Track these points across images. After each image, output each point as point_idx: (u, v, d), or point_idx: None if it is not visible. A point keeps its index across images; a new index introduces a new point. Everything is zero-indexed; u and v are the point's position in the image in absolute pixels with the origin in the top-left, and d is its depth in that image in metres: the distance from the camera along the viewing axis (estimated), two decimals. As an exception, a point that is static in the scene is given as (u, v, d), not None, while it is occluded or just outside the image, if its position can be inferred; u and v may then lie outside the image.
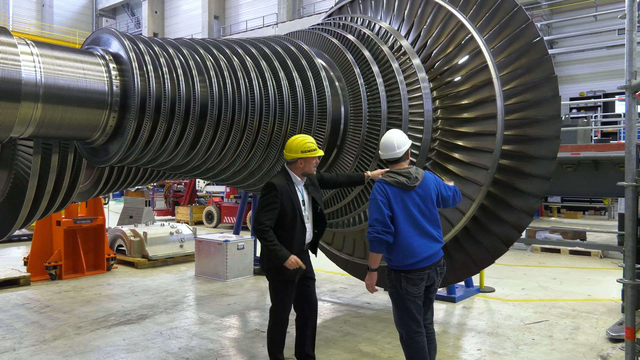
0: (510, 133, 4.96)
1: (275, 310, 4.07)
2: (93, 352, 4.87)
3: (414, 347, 3.64)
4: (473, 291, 7.08)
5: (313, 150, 3.98)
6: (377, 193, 3.62)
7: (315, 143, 4.04)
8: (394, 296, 3.71)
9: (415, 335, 3.64)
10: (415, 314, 3.65)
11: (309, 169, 4.03)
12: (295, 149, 3.95)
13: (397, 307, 3.71)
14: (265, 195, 3.87)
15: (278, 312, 4.06)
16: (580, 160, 9.81)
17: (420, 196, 3.69)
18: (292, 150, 3.97)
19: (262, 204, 3.86)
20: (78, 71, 3.31)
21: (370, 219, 3.59)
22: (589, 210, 18.13)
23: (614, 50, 19.65)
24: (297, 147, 3.95)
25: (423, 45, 5.20)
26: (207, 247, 8.30)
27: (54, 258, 7.92)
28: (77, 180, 4.31)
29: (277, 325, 4.08)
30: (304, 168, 4.01)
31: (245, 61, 4.26)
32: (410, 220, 3.63)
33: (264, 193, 3.89)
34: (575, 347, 5.03)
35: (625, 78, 3.29)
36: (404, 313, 3.66)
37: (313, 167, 4.05)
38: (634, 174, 3.28)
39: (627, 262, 3.24)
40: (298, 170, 4.02)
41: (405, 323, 3.66)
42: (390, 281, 3.70)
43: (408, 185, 3.63)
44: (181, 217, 16.59)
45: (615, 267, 9.06)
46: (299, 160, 3.97)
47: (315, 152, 3.99)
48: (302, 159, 3.96)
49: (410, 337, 3.65)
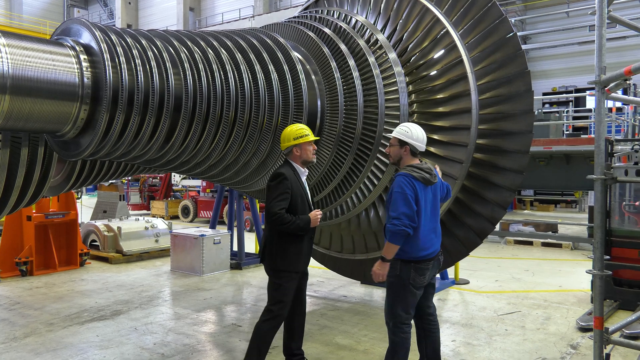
0: (485, 127, 5.02)
1: (279, 308, 3.90)
2: (65, 349, 4.78)
3: (400, 336, 3.70)
4: (448, 283, 7.18)
5: (305, 135, 3.95)
6: (406, 187, 3.64)
7: (308, 129, 4.01)
8: (395, 286, 3.73)
9: (404, 325, 3.71)
10: (410, 305, 3.72)
11: (307, 156, 3.99)
12: (288, 137, 3.95)
13: (394, 297, 3.73)
14: (276, 186, 3.81)
15: (282, 309, 3.91)
16: (552, 154, 10.01)
17: (434, 192, 3.84)
18: (285, 139, 3.97)
19: (274, 194, 3.79)
20: (47, 62, 3.22)
21: (396, 212, 3.59)
22: (560, 203, 18.53)
23: (586, 46, 20.09)
24: (289, 135, 3.94)
25: (399, 40, 5.22)
26: (183, 241, 8.22)
27: (24, 254, 7.74)
28: (47, 174, 4.21)
29: (277, 322, 3.93)
30: (302, 156, 3.97)
31: (221, 54, 4.21)
32: (426, 215, 3.75)
33: (274, 184, 3.82)
34: (547, 337, 5.14)
35: (595, 73, 3.35)
36: (399, 303, 3.70)
37: (311, 154, 4.02)
38: (602, 168, 3.35)
39: (596, 253, 3.32)
40: (297, 160, 3.98)
41: (396, 313, 3.70)
42: (395, 271, 3.72)
43: (430, 181, 3.75)
44: (157, 212, 16.39)
45: (585, 259, 9.29)
46: (294, 149, 3.95)
47: (308, 137, 3.96)
48: (297, 146, 3.94)
49: (398, 327, 3.70)
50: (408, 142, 3.80)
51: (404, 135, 3.81)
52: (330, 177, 4.98)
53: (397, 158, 3.88)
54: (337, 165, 4.90)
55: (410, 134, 3.82)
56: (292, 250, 3.90)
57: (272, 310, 3.90)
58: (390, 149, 3.90)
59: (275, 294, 3.92)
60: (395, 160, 3.91)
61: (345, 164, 4.85)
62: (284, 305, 3.91)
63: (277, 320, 3.92)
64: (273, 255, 3.91)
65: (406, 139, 3.80)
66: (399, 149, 3.83)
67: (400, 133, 3.82)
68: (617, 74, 3.24)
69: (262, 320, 3.91)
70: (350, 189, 5.01)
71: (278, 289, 3.91)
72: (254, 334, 3.92)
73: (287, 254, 3.89)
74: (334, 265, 6.51)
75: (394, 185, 3.69)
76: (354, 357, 4.59)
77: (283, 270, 3.90)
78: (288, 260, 3.89)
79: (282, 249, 3.88)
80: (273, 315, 3.89)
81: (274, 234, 3.91)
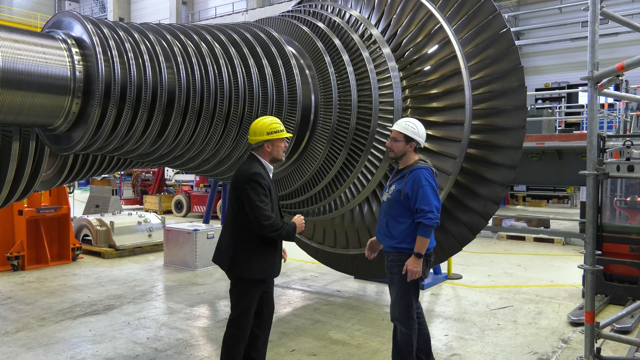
0: (478, 122, 5.03)
1: (241, 316, 3.58)
2: (58, 344, 4.76)
3: (414, 327, 3.75)
4: (441, 278, 7.21)
5: (280, 131, 3.61)
6: (432, 180, 3.70)
7: (281, 123, 3.67)
8: (407, 284, 3.69)
9: (414, 316, 3.79)
10: (417, 298, 3.83)
11: (277, 154, 3.65)
12: (260, 131, 3.58)
13: (408, 291, 3.72)
14: (256, 187, 3.44)
15: (245, 317, 3.59)
16: (544, 150, 10.05)
17: None
18: (256, 132, 3.59)
19: (257, 197, 3.42)
20: (38, 55, 3.19)
21: (429, 205, 3.58)
22: (553, 198, 18.65)
23: (578, 42, 20.17)
24: (262, 129, 3.58)
25: (393, 34, 5.21)
26: (176, 236, 8.20)
27: (16, 248, 7.70)
28: (39, 169, 4.18)
29: (243, 332, 3.62)
30: (272, 152, 3.62)
31: (214, 48, 4.18)
32: None
33: (253, 186, 3.43)
34: (538, 331, 5.18)
35: (588, 69, 3.36)
36: (413, 296, 3.76)
37: (282, 152, 3.68)
38: (595, 163, 3.37)
39: (588, 248, 3.34)
40: (266, 156, 3.62)
41: (411, 306, 3.75)
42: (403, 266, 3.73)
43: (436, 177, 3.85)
44: (150, 207, 16.33)
45: (577, 254, 9.36)
46: (266, 144, 3.59)
47: (282, 133, 3.62)
48: (269, 141, 3.58)
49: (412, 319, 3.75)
50: (415, 138, 3.80)
51: (411, 132, 3.79)
52: (324, 172, 4.97)
53: (400, 153, 3.83)
54: (331, 160, 4.90)
55: (417, 131, 3.82)
56: (268, 257, 3.59)
57: (236, 321, 3.60)
58: (394, 144, 3.83)
59: (242, 303, 3.58)
60: (398, 156, 3.86)
61: (339, 159, 4.85)
62: (248, 314, 3.60)
63: (243, 331, 3.61)
64: (248, 263, 3.52)
65: (413, 135, 3.79)
66: (405, 144, 3.80)
67: (407, 129, 3.79)
68: (610, 70, 3.26)
69: (229, 334, 3.61)
70: (344, 184, 5.01)
71: (245, 298, 3.58)
72: (224, 349, 3.63)
73: (264, 261, 3.56)
74: (328, 260, 6.52)
75: (420, 179, 3.65)
76: (348, 351, 4.61)
77: (259, 279, 3.57)
78: (265, 268, 3.57)
79: (259, 256, 3.54)
80: (239, 326, 3.60)
81: (245, 240, 3.54)
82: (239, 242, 3.55)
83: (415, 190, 3.64)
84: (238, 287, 3.61)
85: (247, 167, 3.55)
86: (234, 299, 3.62)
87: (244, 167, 3.58)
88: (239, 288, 3.60)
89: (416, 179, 3.66)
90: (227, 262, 3.58)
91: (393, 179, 3.93)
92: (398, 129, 3.83)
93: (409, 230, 3.71)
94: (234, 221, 3.59)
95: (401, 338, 3.77)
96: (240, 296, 3.60)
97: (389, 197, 3.86)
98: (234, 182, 3.58)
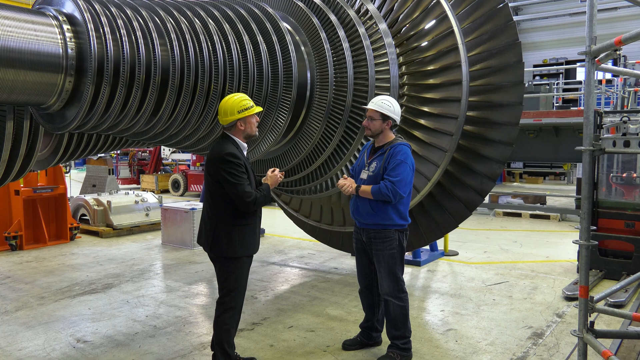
0: (475, 99, 5.01)
1: (234, 297, 3.56)
2: (57, 322, 4.81)
3: (405, 298, 3.88)
4: (437, 255, 7.26)
5: (250, 107, 3.55)
6: (411, 158, 3.80)
7: (249, 99, 3.60)
8: (395, 257, 3.83)
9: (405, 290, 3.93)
10: (403, 272, 3.95)
11: (250, 130, 3.60)
12: (231, 110, 3.51)
13: (396, 265, 3.85)
14: (234, 168, 3.41)
15: (236, 298, 3.57)
16: (541, 126, 10.04)
17: None
18: (227, 112, 3.52)
19: (234, 178, 3.40)
20: (30, 32, 3.14)
21: (398, 177, 3.67)
22: (549, 175, 18.66)
23: (577, 17, 19.94)
24: (233, 108, 3.51)
25: (389, 10, 5.15)
26: (173, 215, 8.22)
27: (13, 228, 7.71)
28: (34, 148, 4.15)
29: (237, 312, 3.61)
30: (246, 130, 3.57)
31: (208, 24, 4.12)
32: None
33: (229, 166, 3.40)
34: (533, 306, 5.24)
35: (586, 44, 3.33)
36: (400, 269, 3.87)
37: (255, 128, 3.63)
38: (591, 139, 3.36)
39: (583, 224, 3.35)
40: (240, 134, 3.57)
41: (400, 279, 3.87)
42: (394, 242, 3.80)
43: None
44: (147, 186, 16.31)
45: (573, 230, 9.43)
46: (238, 122, 3.53)
47: (253, 109, 3.56)
48: (241, 119, 3.53)
49: (403, 290, 3.87)
50: (391, 116, 3.83)
51: (387, 110, 3.81)
52: (321, 149, 4.96)
53: (377, 132, 3.87)
54: (327, 138, 4.88)
55: (393, 108, 3.84)
56: (248, 233, 3.57)
57: (225, 302, 3.57)
58: (371, 123, 3.84)
59: (229, 283, 3.55)
60: (375, 134, 3.89)
61: (335, 136, 4.83)
62: (238, 292, 3.58)
63: (236, 310, 3.59)
64: (230, 242, 3.51)
65: (389, 113, 3.81)
66: (382, 123, 3.83)
67: (383, 107, 3.81)
68: (608, 44, 3.22)
69: (219, 314, 3.57)
70: (340, 162, 5.00)
71: (231, 276, 3.55)
72: (216, 332, 3.59)
73: (245, 238, 3.55)
74: (325, 238, 6.55)
75: (398, 153, 3.74)
76: (345, 327, 4.66)
77: (242, 256, 3.56)
78: (246, 245, 3.56)
79: (240, 233, 3.53)
80: (229, 306, 3.56)
81: (225, 219, 3.52)
82: (219, 223, 3.54)
83: (394, 163, 3.73)
84: (222, 267, 3.59)
85: (220, 148, 3.49)
86: (220, 279, 3.60)
87: (217, 147, 3.52)
88: (224, 267, 3.58)
89: (397, 153, 3.74)
90: (210, 242, 3.58)
91: (372, 156, 3.95)
92: (374, 107, 3.83)
93: (393, 205, 3.78)
94: (212, 202, 3.58)
95: (394, 310, 3.86)
96: (225, 275, 3.57)
97: (369, 175, 3.86)
98: (208, 163, 3.55)
